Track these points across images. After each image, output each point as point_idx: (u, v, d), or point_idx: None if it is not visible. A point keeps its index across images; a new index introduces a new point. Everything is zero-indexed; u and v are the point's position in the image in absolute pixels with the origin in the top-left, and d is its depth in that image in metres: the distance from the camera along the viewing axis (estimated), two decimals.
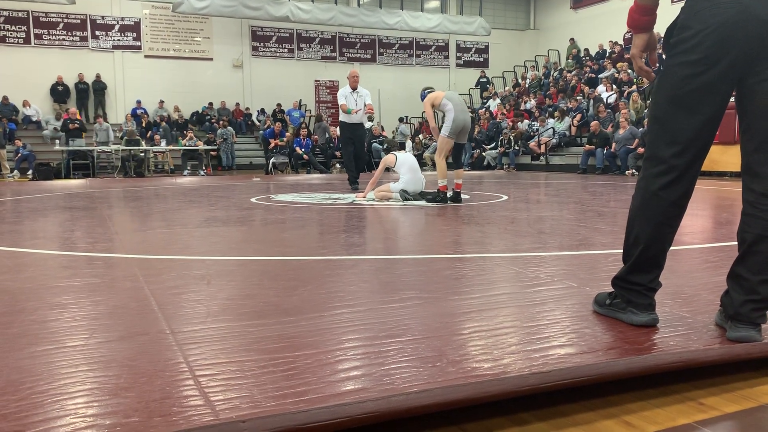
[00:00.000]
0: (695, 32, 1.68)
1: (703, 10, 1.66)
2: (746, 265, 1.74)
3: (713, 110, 1.74)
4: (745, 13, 1.62)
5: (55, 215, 5.70)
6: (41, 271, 2.98)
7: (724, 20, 1.63)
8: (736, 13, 1.62)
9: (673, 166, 1.76)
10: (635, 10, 1.80)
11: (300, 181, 11.70)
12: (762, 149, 1.71)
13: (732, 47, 1.64)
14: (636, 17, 1.81)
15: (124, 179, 13.64)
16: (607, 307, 1.98)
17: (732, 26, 1.63)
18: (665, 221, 1.81)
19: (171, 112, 18.54)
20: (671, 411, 1.47)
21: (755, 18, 1.61)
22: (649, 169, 1.82)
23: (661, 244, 1.83)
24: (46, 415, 1.28)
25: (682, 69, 1.71)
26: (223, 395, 1.37)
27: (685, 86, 1.72)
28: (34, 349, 1.72)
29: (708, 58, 1.67)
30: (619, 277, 1.94)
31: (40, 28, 17.67)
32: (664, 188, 1.78)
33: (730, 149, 11.56)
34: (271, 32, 20.42)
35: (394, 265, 3.03)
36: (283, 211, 5.83)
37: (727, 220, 5.07)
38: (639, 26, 1.81)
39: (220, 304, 2.24)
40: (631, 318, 1.88)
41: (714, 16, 1.64)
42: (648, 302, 1.87)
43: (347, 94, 8.78)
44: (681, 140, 1.75)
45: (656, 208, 1.80)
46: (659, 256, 1.85)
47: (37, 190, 9.82)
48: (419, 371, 1.51)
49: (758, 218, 1.72)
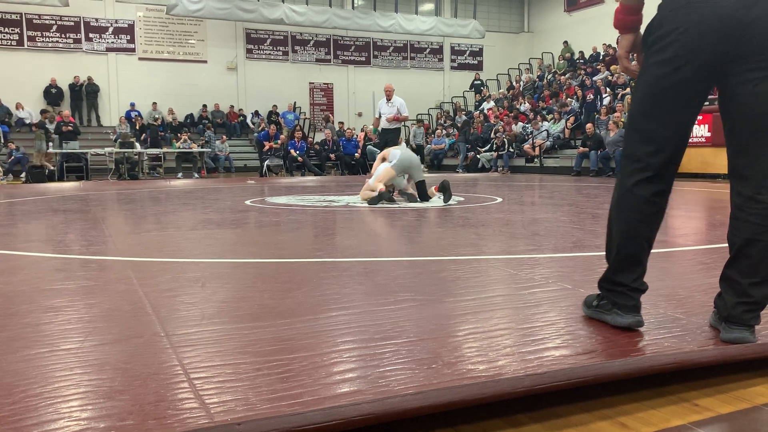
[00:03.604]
0: (669, 31, 1.67)
1: (677, 9, 1.66)
2: (737, 268, 1.74)
3: (688, 109, 1.74)
4: (718, 12, 1.60)
5: (49, 218, 5.68)
6: (35, 274, 2.97)
7: (698, 20, 1.62)
8: (709, 13, 1.61)
9: (648, 164, 1.76)
10: (620, 10, 1.81)
11: (294, 184, 11.69)
12: (746, 152, 1.71)
13: (705, 47, 1.63)
14: (621, 17, 1.81)
15: (118, 182, 13.60)
16: (594, 308, 1.98)
17: (705, 26, 1.62)
18: (641, 218, 1.79)
19: (165, 114, 18.49)
20: (665, 412, 1.47)
21: (728, 18, 1.60)
22: (626, 167, 1.82)
23: (638, 242, 1.81)
24: (39, 418, 1.28)
25: (657, 68, 1.71)
26: (218, 398, 1.37)
27: (659, 85, 1.71)
28: (28, 352, 1.71)
29: (681, 57, 1.66)
30: (603, 278, 1.93)
31: (34, 31, 17.61)
32: (639, 184, 1.77)
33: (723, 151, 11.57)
34: (265, 35, 20.41)
35: (389, 267, 3.03)
36: (277, 214, 5.83)
37: (720, 222, 5.09)
38: (625, 26, 1.82)
39: (215, 306, 2.23)
40: (615, 319, 1.86)
41: (687, 15, 1.64)
42: (633, 303, 1.84)
43: (383, 103, 10.35)
44: (656, 138, 1.75)
45: (631, 204, 1.79)
46: (639, 254, 1.82)
47: (30, 192, 9.78)
48: (414, 373, 1.51)
49: (746, 222, 1.71)
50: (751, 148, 1.69)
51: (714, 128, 11.68)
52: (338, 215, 5.73)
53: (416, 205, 6.47)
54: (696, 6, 1.62)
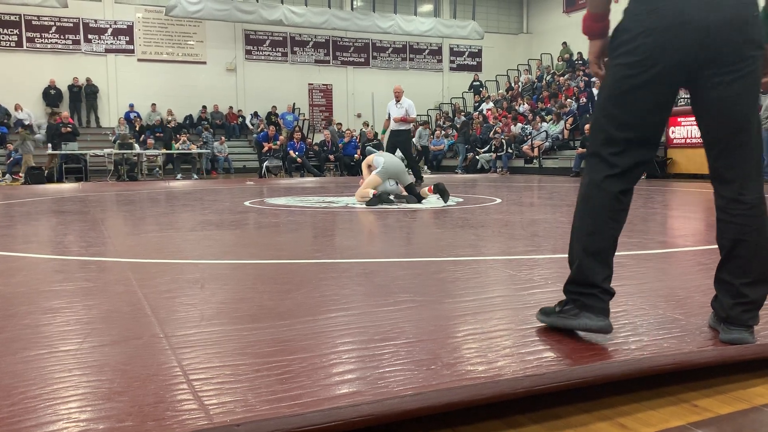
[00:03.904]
0: (634, 35, 1.68)
1: (642, 13, 1.67)
2: (728, 269, 1.75)
3: (653, 111, 1.74)
4: (682, 18, 1.62)
5: (48, 219, 5.68)
6: (33, 275, 2.96)
7: (661, 24, 1.64)
8: (672, 18, 1.63)
9: (614, 163, 1.76)
10: (588, 17, 1.83)
11: (294, 185, 11.69)
12: (724, 155, 1.73)
13: (669, 51, 1.65)
14: (589, 24, 1.83)
15: (117, 183, 13.60)
16: (557, 315, 1.86)
17: (668, 31, 1.64)
18: (610, 215, 1.77)
19: (164, 115, 18.49)
20: (665, 413, 1.47)
21: (690, 24, 1.62)
22: (593, 166, 1.80)
23: (606, 239, 1.78)
24: (38, 420, 1.27)
25: (621, 70, 1.72)
26: (217, 399, 1.37)
27: (622, 87, 1.72)
28: (27, 354, 1.71)
29: (645, 61, 1.67)
30: (570, 281, 1.84)
31: (33, 32, 17.61)
32: (607, 180, 1.77)
33: None
34: (264, 36, 20.42)
35: (388, 268, 3.03)
36: (276, 215, 5.83)
37: None
38: (593, 33, 1.83)
39: (214, 307, 2.23)
40: (586, 323, 1.76)
41: (652, 20, 1.65)
42: (603, 306, 1.76)
43: (392, 105, 10.37)
44: (619, 140, 1.75)
45: (600, 200, 1.77)
46: (607, 252, 1.79)
47: (29, 194, 9.78)
48: (414, 374, 1.51)
49: (731, 223, 1.73)
50: (730, 150, 1.71)
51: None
52: (337, 216, 5.73)
53: (416, 206, 6.47)
54: (660, 11, 1.64)
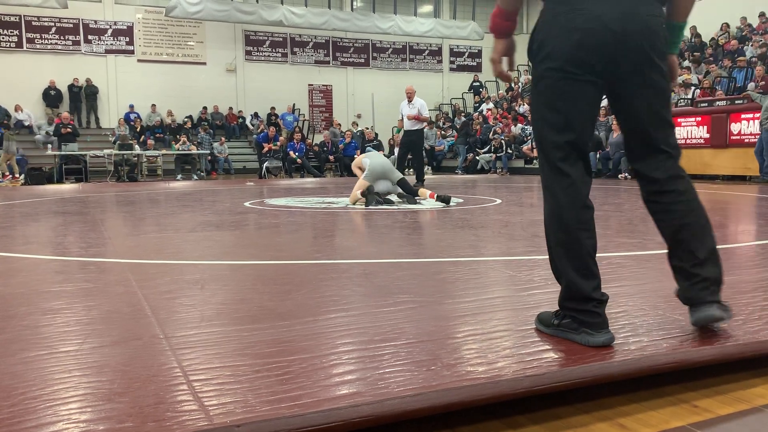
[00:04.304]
0: (560, 38, 1.71)
1: (561, 15, 1.71)
2: (677, 255, 1.82)
3: (585, 112, 1.76)
4: (598, 23, 1.67)
5: (48, 220, 5.68)
6: (33, 276, 2.96)
7: (585, 28, 1.68)
8: (594, 24, 1.67)
9: (566, 173, 1.76)
10: (498, 14, 1.83)
11: (294, 186, 11.69)
12: (645, 154, 1.81)
13: (589, 54, 1.69)
14: (499, 22, 1.83)
15: (117, 184, 13.60)
16: (555, 327, 1.83)
17: (587, 34, 1.68)
18: (581, 226, 1.75)
19: (164, 116, 18.49)
20: (665, 413, 1.48)
21: (606, 28, 1.67)
22: (549, 178, 1.80)
23: (586, 252, 1.75)
24: (38, 420, 1.27)
25: (554, 74, 1.74)
26: (217, 400, 1.37)
27: (558, 90, 1.74)
28: (27, 355, 1.71)
29: (573, 63, 1.70)
30: (564, 297, 1.80)
31: (33, 33, 17.62)
32: (567, 191, 1.76)
33: (722, 153, 11.64)
34: (264, 37, 20.43)
35: (388, 268, 3.03)
36: (276, 216, 5.83)
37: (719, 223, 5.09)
38: (502, 31, 1.83)
39: (214, 308, 2.23)
40: (587, 339, 1.73)
41: (572, 23, 1.69)
42: (600, 320, 1.74)
43: (404, 105, 10.46)
44: (561, 144, 1.76)
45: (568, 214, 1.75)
46: (590, 263, 1.75)
47: (29, 194, 9.78)
48: (414, 375, 1.51)
49: (668, 211, 1.80)
50: (651, 146, 1.80)
51: (713, 130, 11.69)
52: (337, 217, 5.73)
53: (415, 207, 6.47)
54: (583, 16, 1.68)
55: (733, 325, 1.89)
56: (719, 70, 13.88)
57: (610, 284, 2.54)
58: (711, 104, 12.03)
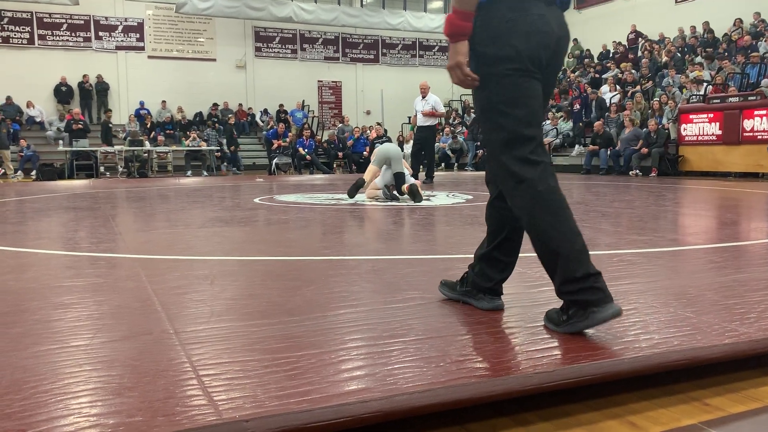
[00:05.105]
0: (519, 40, 1.80)
1: (517, 19, 1.80)
2: (501, 249, 2.04)
3: (541, 108, 1.90)
4: (549, 26, 1.82)
5: (59, 215, 5.71)
6: (45, 271, 2.98)
7: (536, 30, 1.80)
8: (543, 26, 1.82)
9: (537, 162, 1.83)
10: (457, 17, 1.80)
11: (303, 182, 11.71)
12: None
13: (542, 55, 1.83)
14: (458, 23, 1.81)
15: (127, 180, 13.67)
16: (566, 323, 1.81)
17: (541, 36, 1.82)
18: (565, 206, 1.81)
19: (174, 112, 18.56)
20: (675, 411, 1.46)
21: (551, 33, 1.83)
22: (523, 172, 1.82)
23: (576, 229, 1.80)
24: (49, 414, 1.28)
25: (514, 73, 1.81)
26: (226, 395, 1.37)
27: (521, 89, 1.82)
28: (38, 349, 1.72)
29: (530, 62, 1.81)
30: (563, 283, 1.79)
31: (44, 29, 17.71)
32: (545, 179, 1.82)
33: (734, 150, 11.55)
34: (274, 33, 20.44)
35: (397, 265, 3.03)
36: (286, 212, 5.84)
37: (731, 220, 5.06)
38: (462, 33, 1.82)
39: (224, 304, 2.24)
40: (598, 317, 1.74)
41: (532, 27, 1.80)
42: (603, 294, 1.75)
43: (418, 101, 10.45)
44: (530, 136, 1.84)
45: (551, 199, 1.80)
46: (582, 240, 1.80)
47: (40, 190, 9.85)
48: (423, 371, 1.51)
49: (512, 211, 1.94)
50: None
51: (725, 126, 11.60)
52: (346, 213, 5.73)
53: (424, 204, 6.46)
54: (533, 19, 1.81)
55: (746, 323, 1.88)
56: (732, 66, 13.76)
57: (621, 281, 2.53)
58: (723, 100, 11.93)
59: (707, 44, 16.00)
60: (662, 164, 12.44)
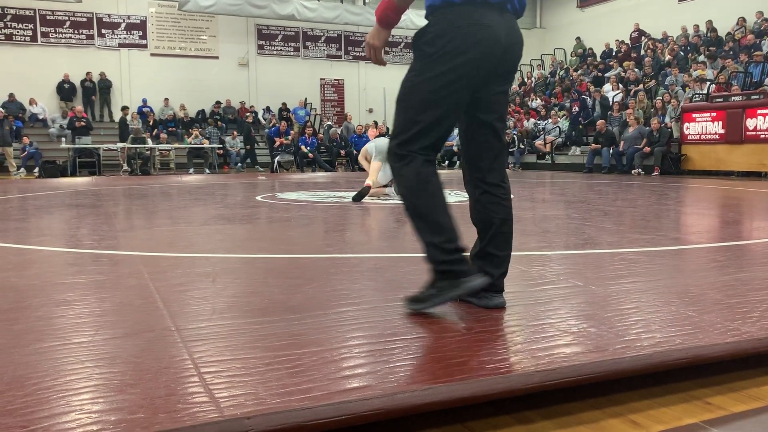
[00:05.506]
0: (458, 44, 1.89)
1: (463, 27, 1.90)
2: (496, 244, 2.08)
3: (457, 112, 2.00)
4: (494, 36, 1.91)
5: (61, 213, 5.72)
6: (47, 267, 2.99)
7: (482, 39, 1.90)
8: (487, 35, 1.90)
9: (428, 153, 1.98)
10: (391, 8, 1.95)
11: (305, 180, 11.71)
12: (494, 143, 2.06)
13: (483, 62, 1.92)
14: (390, 14, 1.96)
15: (130, 177, 13.68)
16: (432, 297, 1.99)
17: (485, 45, 1.90)
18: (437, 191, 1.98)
19: (177, 110, 18.56)
20: (677, 410, 1.46)
21: (499, 41, 1.92)
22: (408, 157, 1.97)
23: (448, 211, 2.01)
24: (51, 411, 1.28)
25: (444, 73, 1.91)
26: (227, 392, 1.37)
27: (441, 91, 1.92)
28: (40, 346, 1.72)
29: (463, 67, 1.90)
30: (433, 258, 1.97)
31: (47, 27, 17.72)
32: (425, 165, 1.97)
33: (737, 149, 11.53)
34: (276, 31, 20.42)
35: (399, 263, 3.03)
36: (288, 210, 5.84)
37: (734, 219, 5.05)
38: (390, 23, 1.99)
39: (225, 301, 2.24)
40: (469, 286, 1.93)
41: (473, 35, 1.89)
42: (468, 267, 1.97)
43: None
44: (431, 134, 1.96)
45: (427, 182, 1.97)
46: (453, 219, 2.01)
47: (43, 187, 9.86)
48: (424, 369, 1.51)
49: (501, 205, 2.07)
50: (497, 141, 2.06)
51: (728, 125, 11.57)
52: (348, 211, 5.73)
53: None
54: (478, 28, 1.89)
55: (748, 322, 1.88)
56: (735, 64, 13.72)
57: (623, 280, 2.52)
58: (726, 99, 11.91)
59: (710, 43, 15.96)
60: (665, 163, 12.42)
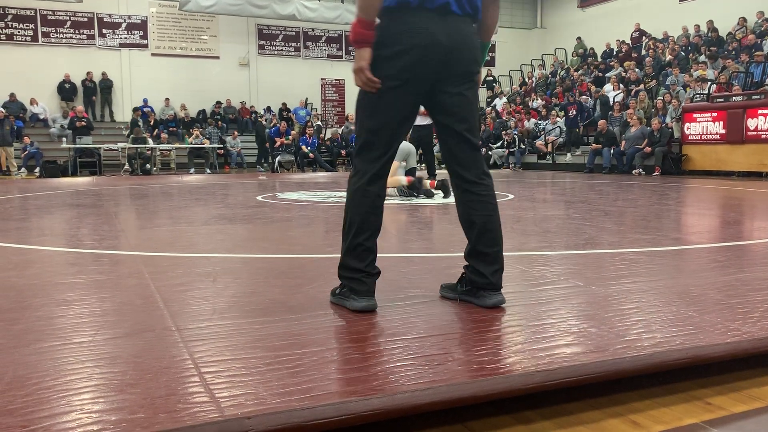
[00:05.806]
0: (396, 51, 1.95)
1: (402, 32, 1.95)
2: (483, 242, 2.10)
3: (402, 117, 2.05)
4: (433, 39, 1.95)
5: (62, 212, 5.72)
6: (48, 267, 2.99)
7: (418, 43, 1.94)
8: (425, 39, 1.94)
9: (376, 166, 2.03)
10: (361, 24, 1.95)
11: (306, 180, 11.71)
12: (462, 145, 2.08)
13: (422, 66, 1.96)
14: (361, 31, 1.95)
15: (131, 177, 13.69)
16: (337, 296, 2.13)
17: (423, 49, 1.95)
18: (372, 211, 2.03)
19: (177, 110, 18.56)
20: (678, 410, 1.46)
21: (439, 45, 1.96)
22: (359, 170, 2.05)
23: (370, 232, 2.04)
24: (52, 410, 1.28)
25: (383, 81, 1.96)
26: (228, 392, 1.37)
27: (383, 96, 1.98)
28: (40, 346, 1.72)
29: (404, 73, 1.95)
30: (341, 266, 2.09)
31: (48, 27, 17.73)
32: (371, 183, 2.03)
33: (738, 149, 11.52)
34: (277, 31, 20.43)
35: (400, 263, 3.03)
36: (288, 209, 5.84)
37: (734, 219, 5.05)
38: (365, 40, 1.96)
39: (226, 301, 2.24)
40: (353, 304, 2.04)
41: (411, 39, 1.94)
42: (366, 288, 2.04)
43: None
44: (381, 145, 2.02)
45: (365, 200, 2.03)
46: (371, 243, 2.05)
47: (43, 187, 9.86)
48: (425, 369, 1.51)
49: (481, 202, 2.09)
50: (467, 141, 2.08)
51: (729, 125, 11.56)
52: None
53: (427, 201, 6.46)
54: (416, 32, 1.94)
55: (748, 322, 1.88)
56: (736, 65, 13.71)
57: (624, 280, 2.52)
58: (727, 99, 11.90)
59: (711, 43, 15.95)
60: (665, 163, 12.41)
